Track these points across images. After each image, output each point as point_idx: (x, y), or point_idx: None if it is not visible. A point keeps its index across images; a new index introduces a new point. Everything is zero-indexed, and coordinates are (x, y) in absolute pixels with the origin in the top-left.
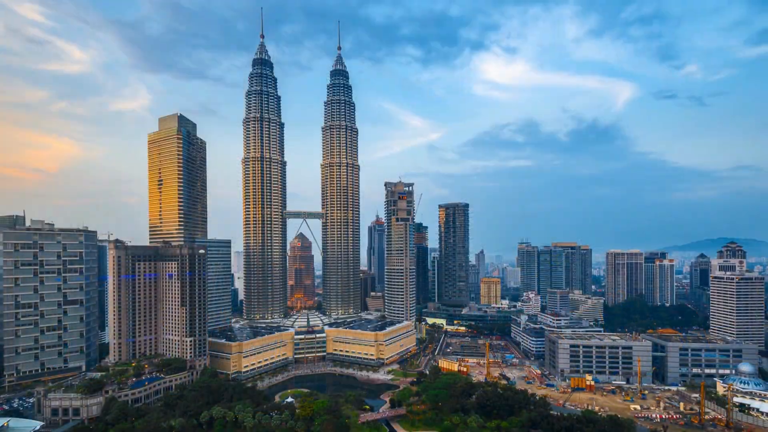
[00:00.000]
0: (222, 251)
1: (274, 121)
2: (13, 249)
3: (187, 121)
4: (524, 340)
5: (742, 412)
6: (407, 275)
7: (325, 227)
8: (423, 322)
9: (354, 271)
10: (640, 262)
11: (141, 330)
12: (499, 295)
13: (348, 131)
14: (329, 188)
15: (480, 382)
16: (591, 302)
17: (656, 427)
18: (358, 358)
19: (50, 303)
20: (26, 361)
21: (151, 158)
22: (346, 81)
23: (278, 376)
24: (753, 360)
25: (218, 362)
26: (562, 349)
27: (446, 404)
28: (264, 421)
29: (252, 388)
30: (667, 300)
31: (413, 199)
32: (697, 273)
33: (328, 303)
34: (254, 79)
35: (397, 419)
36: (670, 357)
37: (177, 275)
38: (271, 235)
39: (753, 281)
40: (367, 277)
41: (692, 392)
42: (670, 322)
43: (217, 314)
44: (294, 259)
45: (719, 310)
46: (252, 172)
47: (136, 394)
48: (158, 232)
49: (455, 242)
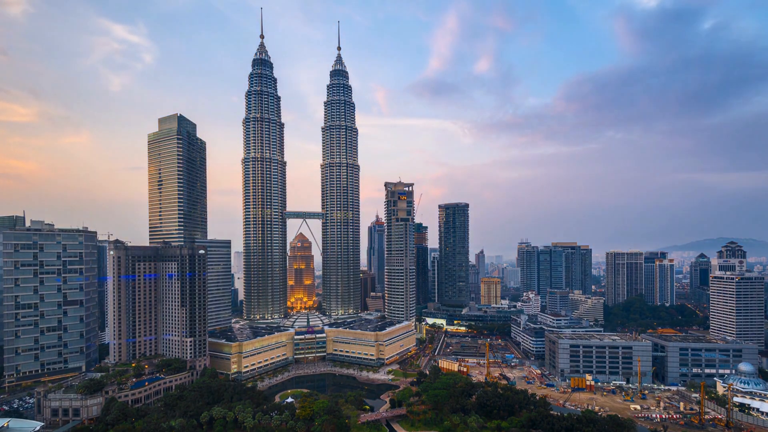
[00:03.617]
0: (222, 251)
1: (274, 121)
2: (13, 249)
3: (187, 121)
4: (524, 340)
5: (742, 412)
6: (407, 275)
7: (325, 227)
8: (423, 323)
9: (354, 271)
10: (640, 262)
11: (141, 330)
12: (499, 295)
13: (348, 131)
14: (329, 188)
15: (480, 382)
16: (591, 302)
17: (656, 427)
18: (358, 358)
19: (50, 303)
20: (26, 361)
21: (151, 158)
22: (346, 81)
23: (278, 376)
24: (753, 360)
25: (218, 362)
26: (562, 349)
27: (446, 404)
28: (264, 421)
29: (252, 389)
30: (667, 300)
31: (413, 199)
32: (697, 273)
33: (328, 303)
34: (254, 79)
35: (397, 419)
36: (670, 357)
37: (177, 275)
38: (271, 235)
39: (753, 281)
40: (367, 277)
41: (692, 392)
42: (670, 322)
43: (217, 314)
44: (294, 259)
45: (719, 310)
46: (252, 172)
47: (136, 395)
48: (158, 232)
49: (455, 242)
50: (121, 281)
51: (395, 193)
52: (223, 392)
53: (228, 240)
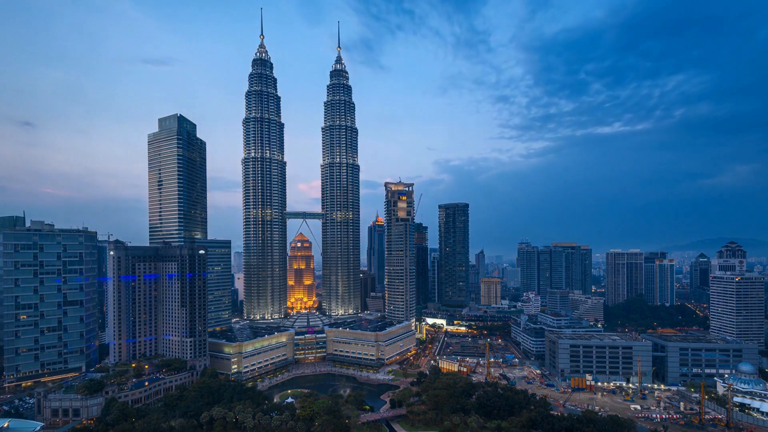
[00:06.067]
0: (222, 251)
1: (274, 121)
2: (13, 250)
3: (187, 121)
4: (524, 340)
5: (742, 411)
6: (407, 275)
7: (325, 227)
8: (423, 323)
9: (354, 271)
10: (640, 262)
11: (141, 331)
12: (499, 295)
13: (348, 131)
14: (329, 188)
15: (480, 382)
16: (591, 302)
17: (656, 427)
18: (358, 358)
19: (50, 304)
20: (26, 361)
21: (150, 158)
22: (346, 81)
23: (278, 376)
24: (753, 360)
25: (218, 363)
26: (562, 349)
27: (446, 404)
28: (264, 421)
29: (252, 389)
30: (667, 300)
31: (413, 199)
32: (697, 273)
33: (328, 303)
34: (254, 79)
35: (397, 419)
36: (670, 357)
37: (177, 276)
38: (271, 235)
39: (753, 281)
40: (367, 277)
41: (692, 392)
42: (670, 322)
43: (217, 314)
44: (294, 259)
45: (719, 310)
46: (252, 172)
47: (136, 395)
48: (158, 232)
49: (455, 242)
50: (121, 281)
51: (395, 193)
52: (223, 392)
53: (228, 240)
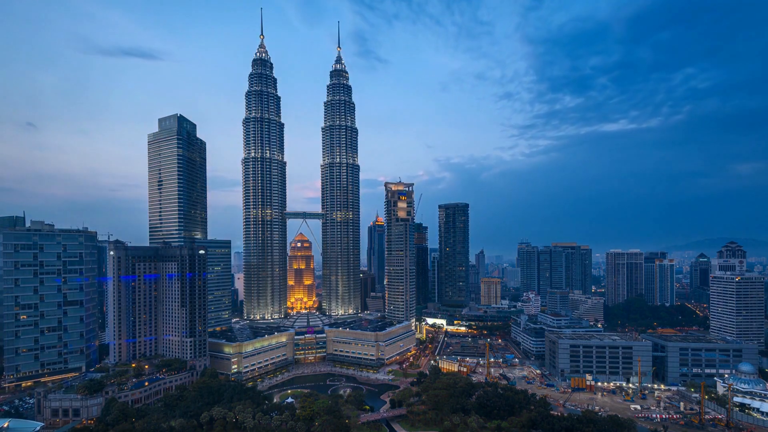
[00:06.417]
0: (222, 251)
1: (274, 121)
2: (13, 250)
3: (187, 121)
4: (524, 340)
5: (742, 411)
6: (407, 275)
7: (325, 227)
8: (423, 323)
9: (354, 271)
10: (640, 262)
11: (141, 331)
12: (499, 295)
13: (348, 131)
14: (329, 188)
15: (480, 382)
16: (591, 302)
17: (656, 427)
18: (358, 358)
19: (50, 304)
20: (26, 361)
21: (150, 158)
22: (346, 81)
23: (278, 376)
24: (753, 360)
25: (218, 363)
26: (562, 349)
27: (446, 404)
28: (264, 421)
29: (252, 389)
30: (667, 300)
31: (413, 199)
32: (697, 273)
33: (328, 303)
34: (254, 79)
35: (397, 419)
36: (670, 357)
37: (177, 276)
38: (271, 235)
39: (753, 281)
40: (367, 277)
41: (692, 392)
42: (670, 322)
43: (217, 314)
44: (294, 259)
45: (719, 310)
46: (252, 172)
47: (136, 395)
48: (158, 232)
49: (455, 242)
50: (122, 281)
51: (395, 193)
52: (223, 392)
53: (228, 240)
